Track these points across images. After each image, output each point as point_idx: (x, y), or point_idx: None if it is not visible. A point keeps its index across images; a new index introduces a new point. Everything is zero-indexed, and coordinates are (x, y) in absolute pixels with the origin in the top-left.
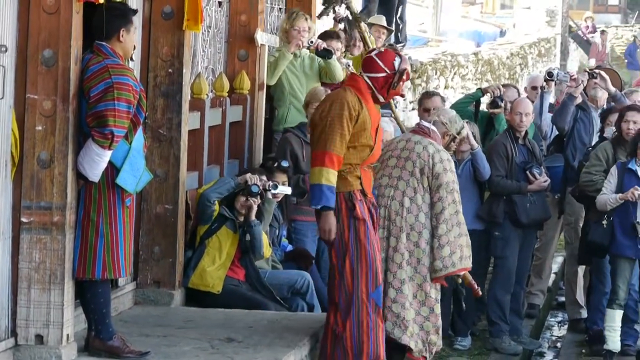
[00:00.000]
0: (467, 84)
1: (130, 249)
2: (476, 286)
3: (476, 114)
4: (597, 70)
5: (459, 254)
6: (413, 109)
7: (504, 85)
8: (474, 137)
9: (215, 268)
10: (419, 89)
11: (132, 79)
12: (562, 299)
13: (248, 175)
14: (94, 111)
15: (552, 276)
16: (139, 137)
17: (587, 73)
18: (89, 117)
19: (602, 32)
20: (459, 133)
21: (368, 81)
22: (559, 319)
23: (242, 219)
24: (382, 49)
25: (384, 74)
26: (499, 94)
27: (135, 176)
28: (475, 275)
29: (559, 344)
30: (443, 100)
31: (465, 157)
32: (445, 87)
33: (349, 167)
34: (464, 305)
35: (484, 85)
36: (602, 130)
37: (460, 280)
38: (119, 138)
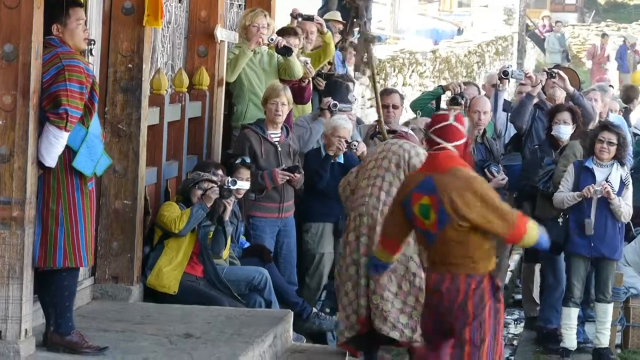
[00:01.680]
0: (425, 81)
1: (92, 237)
2: None
3: (437, 111)
4: (555, 70)
5: None
6: (371, 106)
7: (464, 83)
8: None
9: (171, 268)
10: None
11: (84, 62)
12: (519, 296)
13: (219, 177)
14: (47, 94)
15: (509, 274)
16: (95, 123)
17: (545, 72)
18: (44, 101)
19: (603, 35)
20: None
21: (455, 151)
22: (516, 316)
23: (209, 203)
24: (456, 113)
25: (465, 139)
26: (459, 91)
27: (92, 160)
28: None
29: (515, 342)
30: (401, 97)
31: None
32: (404, 85)
33: None
34: None
35: (442, 83)
36: (549, 129)
37: None
38: (74, 119)
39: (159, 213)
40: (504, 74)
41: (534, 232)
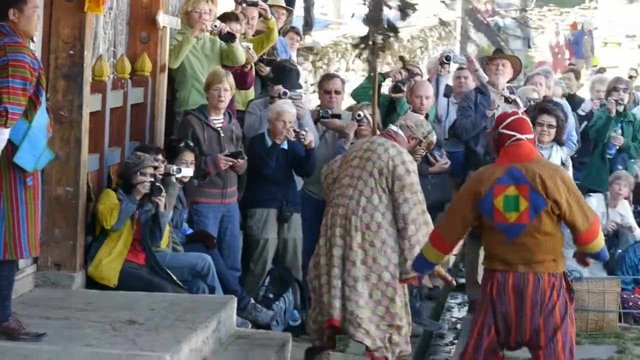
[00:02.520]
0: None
1: (36, 230)
2: (449, 277)
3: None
4: (469, 56)
5: None
6: (314, 91)
7: (407, 70)
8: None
9: (111, 259)
10: (320, 72)
11: (30, 56)
12: (462, 280)
13: (164, 163)
14: None
15: (452, 258)
16: (40, 116)
17: (445, 58)
18: None
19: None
20: (425, 137)
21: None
22: (459, 300)
23: (139, 197)
24: (521, 112)
25: (533, 135)
26: (400, 79)
27: (34, 155)
28: None
29: (459, 325)
30: (343, 82)
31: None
32: (347, 70)
33: None
34: (417, 300)
35: (385, 68)
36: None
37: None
38: (15, 115)
39: (97, 203)
40: (446, 59)
41: (602, 239)
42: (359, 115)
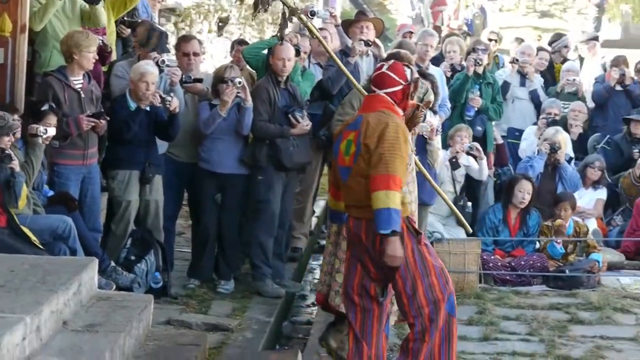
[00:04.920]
0: (230, 28)
1: None
2: None
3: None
4: (332, 10)
5: None
6: (174, 54)
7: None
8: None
9: None
10: (182, 33)
11: None
12: (324, 242)
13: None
14: None
15: (315, 220)
16: None
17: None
18: None
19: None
20: (421, 100)
21: (388, 98)
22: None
23: None
24: (392, 63)
25: (400, 87)
26: (296, 42)
27: None
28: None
29: None
30: (200, 43)
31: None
32: (209, 32)
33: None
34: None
35: (248, 30)
36: None
37: None
38: None
39: None
40: (311, 14)
41: (386, 201)
42: (240, 83)
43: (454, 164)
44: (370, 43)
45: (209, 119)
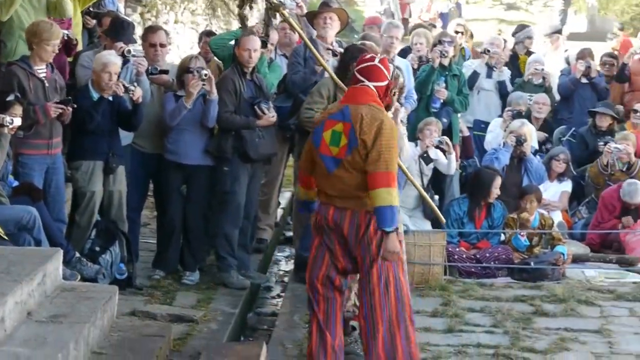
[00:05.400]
0: (196, 19)
1: None
2: None
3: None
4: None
5: None
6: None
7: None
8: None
9: None
10: (148, 24)
11: None
12: (290, 233)
13: None
14: None
15: (280, 211)
16: None
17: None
18: None
19: None
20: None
21: (375, 91)
22: (287, 253)
23: None
24: (382, 57)
25: (386, 82)
26: (263, 34)
27: None
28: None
29: (286, 279)
30: (167, 34)
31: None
32: (175, 22)
33: None
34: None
35: (215, 22)
36: None
37: None
38: None
39: None
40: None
41: (386, 198)
42: (205, 75)
43: (426, 159)
44: (337, 53)
45: (175, 111)
